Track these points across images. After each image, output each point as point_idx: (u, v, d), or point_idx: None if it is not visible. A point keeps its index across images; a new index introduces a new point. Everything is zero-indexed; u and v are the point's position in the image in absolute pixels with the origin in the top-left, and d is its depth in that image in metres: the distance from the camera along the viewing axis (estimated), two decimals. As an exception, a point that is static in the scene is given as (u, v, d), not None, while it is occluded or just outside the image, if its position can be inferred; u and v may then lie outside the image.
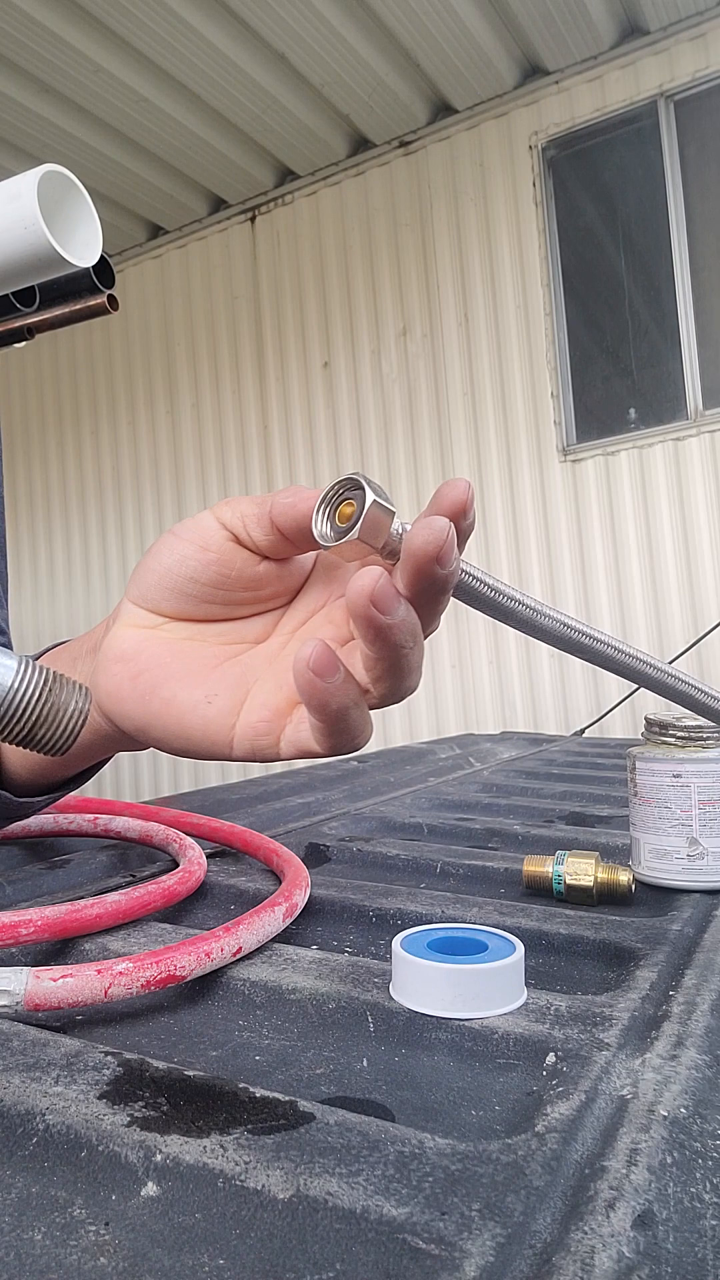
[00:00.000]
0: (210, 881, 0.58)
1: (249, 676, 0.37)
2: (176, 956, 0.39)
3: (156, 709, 0.37)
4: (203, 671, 0.37)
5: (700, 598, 3.27)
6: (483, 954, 0.39)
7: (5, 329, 0.53)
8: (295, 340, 4.11)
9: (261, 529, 0.36)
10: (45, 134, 3.66)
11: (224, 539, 0.36)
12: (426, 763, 1.23)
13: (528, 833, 0.74)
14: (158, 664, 0.38)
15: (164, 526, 4.48)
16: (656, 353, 3.40)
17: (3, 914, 0.42)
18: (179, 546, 0.37)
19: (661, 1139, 0.27)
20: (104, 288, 0.52)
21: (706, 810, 0.53)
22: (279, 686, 0.36)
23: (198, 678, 0.37)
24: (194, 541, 0.37)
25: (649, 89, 3.35)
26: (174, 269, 4.46)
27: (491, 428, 3.66)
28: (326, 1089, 0.33)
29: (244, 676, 0.37)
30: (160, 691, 0.37)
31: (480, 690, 3.62)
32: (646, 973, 0.41)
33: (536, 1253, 0.22)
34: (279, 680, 0.36)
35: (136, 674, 0.38)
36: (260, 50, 3.31)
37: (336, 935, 0.50)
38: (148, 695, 0.37)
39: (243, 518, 0.36)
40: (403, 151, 3.85)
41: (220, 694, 0.36)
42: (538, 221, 3.57)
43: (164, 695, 0.37)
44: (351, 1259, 0.22)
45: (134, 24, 3.11)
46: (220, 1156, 0.25)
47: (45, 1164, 0.27)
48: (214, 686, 0.37)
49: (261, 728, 0.35)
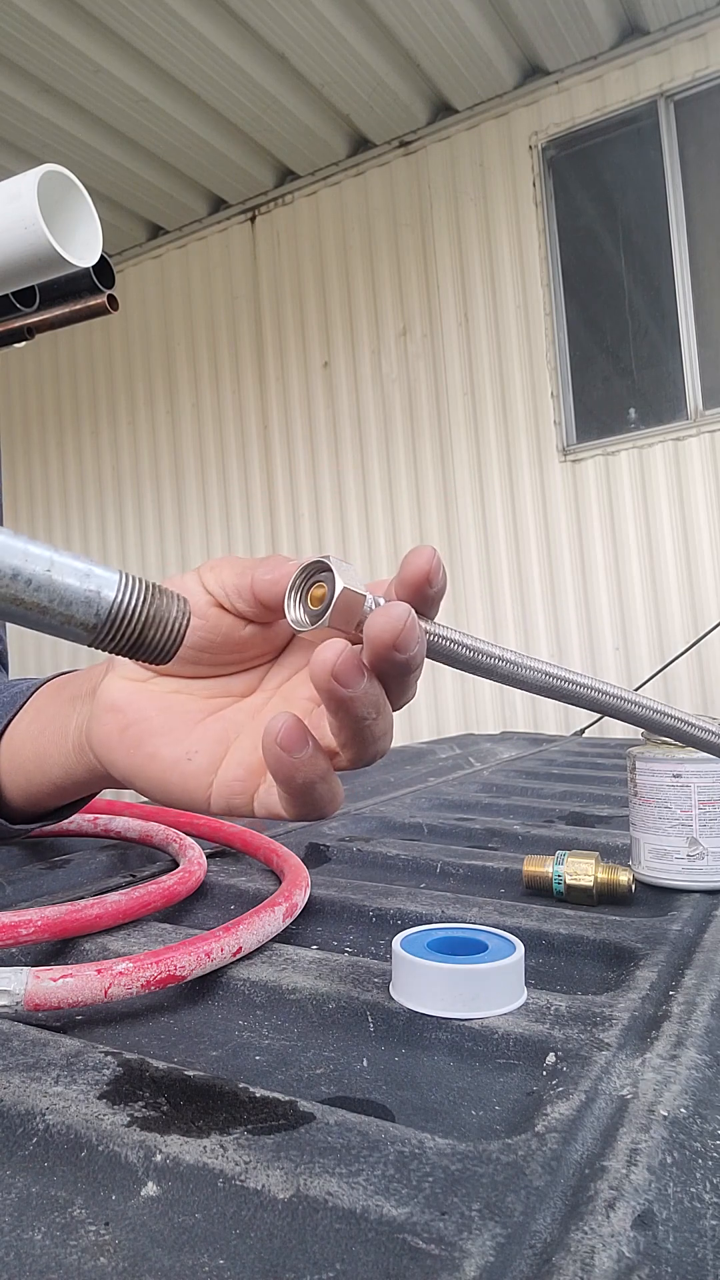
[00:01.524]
0: (210, 881, 0.58)
1: (230, 733, 0.38)
2: (176, 956, 0.39)
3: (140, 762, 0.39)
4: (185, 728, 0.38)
5: (700, 598, 3.27)
6: (483, 954, 0.39)
7: (5, 329, 0.53)
8: (295, 340, 4.11)
9: (244, 601, 0.36)
10: (45, 134, 3.66)
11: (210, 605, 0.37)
12: (426, 763, 1.23)
13: (528, 833, 0.74)
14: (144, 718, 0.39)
15: (164, 526, 4.49)
16: (656, 353, 3.40)
17: (3, 914, 0.42)
18: None
19: (661, 1139, 0.27)
20: (104, 288, 0.52)
21: (706, 810, 0.53)
22: (255, 746, 0.37)
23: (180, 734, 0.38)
24: None
25: (649, 89, 3.35)
26: (174, 269, 4.46)
27: (491, 428, 3.66)
28: (326, 1089, 0.33)
29: (225, 733, 0.38)
30: (145, 746, 0.38)
31: (480, 690, 3.62)
32: (646, 973, 0.41)
33: (536, 1253, 0.22)
34: (256, 740, 0.37)
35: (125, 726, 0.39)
36: (260, 50, 3.31)
37: (336, 935, 0.50)
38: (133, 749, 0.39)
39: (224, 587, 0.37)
40: (403, 151, 3.85)
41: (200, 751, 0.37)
42: (538, 221, 3.57)
43: (148, 750, 0.38)
44: (351, 1259, 0.22)
45: (134, 24, 3.11)
46: (220, 1156, 0.25)
47: (45, 1164, 0.27)
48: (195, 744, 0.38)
49: (236, 786, 0.36)
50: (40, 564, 0.24)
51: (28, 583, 0.24)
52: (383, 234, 3.90)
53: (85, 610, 0.25)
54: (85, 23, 3.11)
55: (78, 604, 0.25)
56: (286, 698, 0.38)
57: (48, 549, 0.25)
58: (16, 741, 0.49)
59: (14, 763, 0.49)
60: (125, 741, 0.39)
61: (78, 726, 0.44)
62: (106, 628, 0.26)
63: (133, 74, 3.36)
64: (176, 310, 4.45)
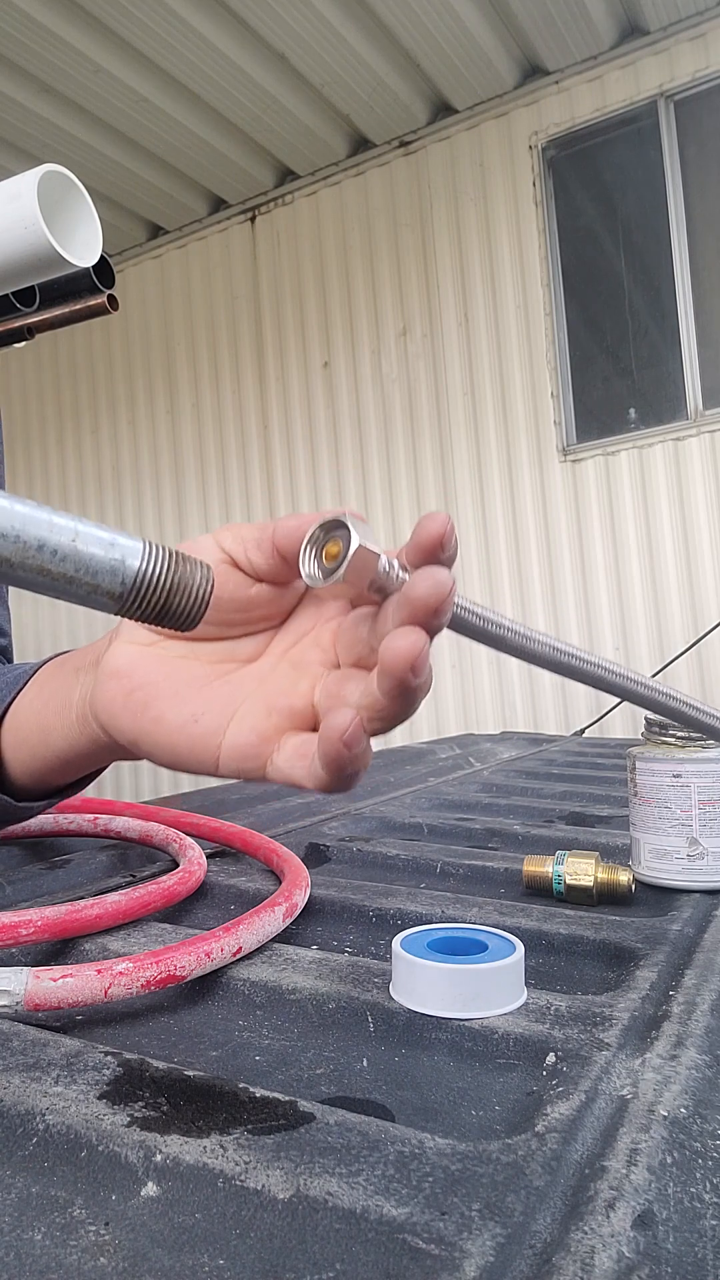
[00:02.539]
0: (210, 881, 0.58)
1: (237, 696, 0.38)
2: (176, 956, 0.39)
3: (146, 726, 0.39)
4: (191, 690, 0.38)
5: (700, 598, 3.26)
6: (483, 954, 0.39)
7: (5, 329, 0.53)
8: (295, 340, 4.11)
9: (263, 553, 0.37)
10: (45, 134, 3.66)
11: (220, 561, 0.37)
12: (426, 763, 1.23)
13: (528, 833, 0.74)
14: (149, 682, 0.39)
15: (164, 526, 4.49)
16: (656, 353, 3.40)
17: (3, 914, 0.42)
18: None
19: (661, 1139, 0.27)
20: (104, 288, 0.52)
21: (706, 810, 0.53)
22: (268, 712, 0.37)
23: (186, 697, 0.38)
24: None
25: (649, 89, 3.35)
26: (174, 269, 4.46)
27: (491, 428, 3.65)
28: (326, 1089, 0.33)
29: (232, 696, 0.38)
30: (150, 710, 0.39)
31: (480, 690, 3.62)
32: (646, 973, 0.41)
33: (536, 1253, 0.22)
34: (269, 705, 0.37)
35: (130, 690, 0.39)
36: (260, 50, 3.31)
37: (336, 935, 0.50)
38: (139, 712, 0.39)
39: (243, 541, 0.37)
40: (403, 151, 3.85)
41: (207, 714, 0.38)
42: (538, 221, 3.57)
43: (153, 713, 0.38)
44: (351, 1259, 0.22)
45: (134, 24, 3.11)
46: (220, 1156, 0.25)
47: (45, 1164, 0.27)
48: (201, 706, 0.38)
49: (248, 750, 0.37)
50: (65, 534, 0.25)
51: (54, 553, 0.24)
52: (383, 234, 3.89)
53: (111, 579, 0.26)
54: (85, 23, 3.11)
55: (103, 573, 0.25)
56: (296, 663, 0.38)
57: (72, 519, 0.25)
58: (20, 717, 0.50)
59: (17, 737, 0.50)
60: (131, 705, 0.39)
61: (81, 697, 0.44)
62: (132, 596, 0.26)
63: (133, 74, 3.36)
64: (176, 310, 4.45)
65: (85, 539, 0.25)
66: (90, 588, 0.25)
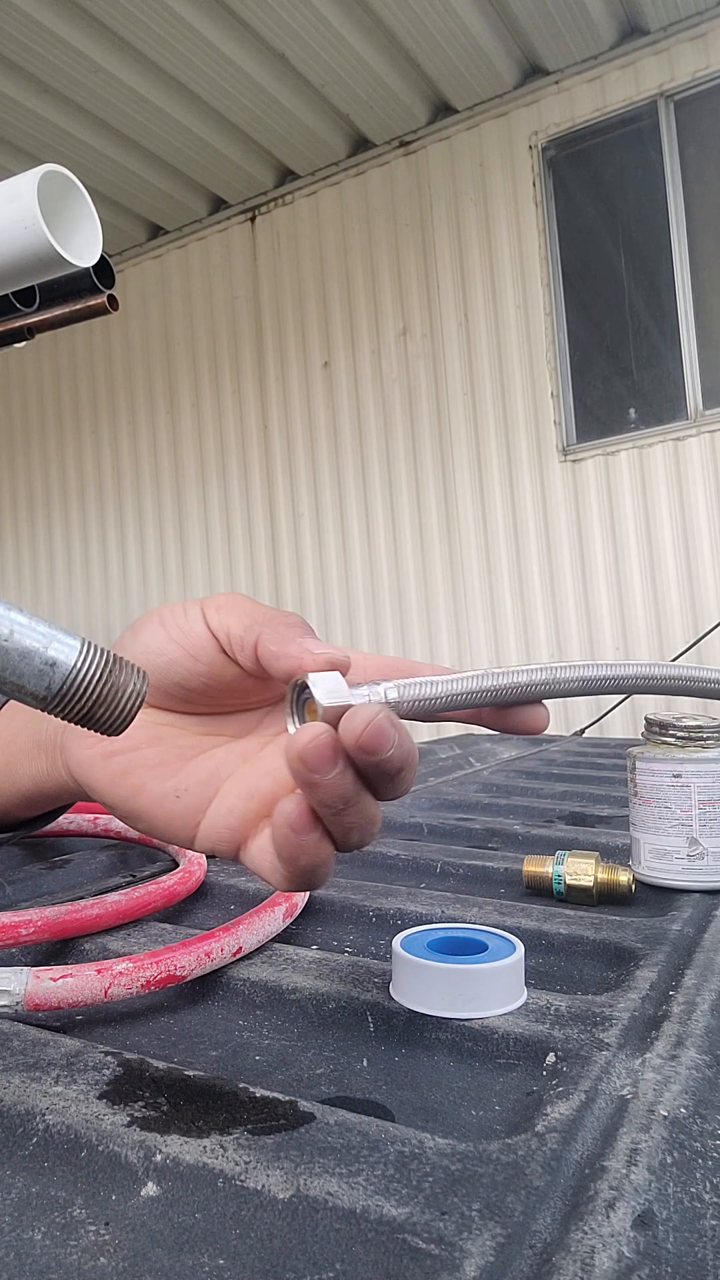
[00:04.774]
0: (210, 881, 0.58)
1: (220, 774, 0.37)
2: (176, 956, 0.39)
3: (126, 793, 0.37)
4: (175, 763, 0.37)
5: (700, 598, 3.27)
6: (483, 954, 0.39)
7: (5, 329, 0.53)
8: (295, 340, 4.11)
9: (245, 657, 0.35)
10: (45, 134, 3.66)
11: (214, 650, 0.36)
12: (426, 763, 1.23)
13: (528, 833, 0.74)
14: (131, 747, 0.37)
15: (163, 525, 4.49)
16: (656, 353, 3.40)
17: (3, 914, 0.42)
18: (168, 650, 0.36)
19: (661, 1139, 0.27)
20: (104, 288, 0.52)
21: (706, 810, 0.53)
22: (250, 795, 0.36)
23: (170, 769, 0.37)
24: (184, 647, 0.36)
25: (649, 89, 3.35)
26: (174, 269, 4.46)
27: (491, 428, 3.66)
28: (326, 1089, 0.32)
29: (215, 773, 0.37)
30: (131, 777, 0.37)
31: (480, 690, 3.62)
32: (646, 973, 0.41)
33: (536, 1253, 0.22)
34: (251, 787, 0.36)
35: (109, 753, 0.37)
36: (260, 50, 3.31)
37: (336, 935, 0.50)
38: (118, 777, 0.37)
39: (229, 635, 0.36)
40: (403, 151, 3.85)
41: (189, 790, 0.36)
42: (538, 221, 3.57)
43: (134, 781, 0.37)
44: (351, 1259, 0.22)
45: (134, 24, 3.11)
46: (220, 1156, 0.25)
47: (45, 1164, 0.27)
48: (183, 781, 0.36)
49: (225, 835, 0.35)
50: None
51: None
52: (383, 234, 3.89)
53: (37, 682, 0.25)
54: (85, 23, 3.11)
55: (29, 675, 0.25)
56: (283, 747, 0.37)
57: (10, 611, 0.24)
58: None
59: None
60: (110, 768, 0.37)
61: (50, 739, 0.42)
62: (56, 700, 0.25)
63: (133, 74, 3.36)
64: (176, 310, 4.45)
65: (20, 635, 0.24)
66: (14, 687, 0.25)
